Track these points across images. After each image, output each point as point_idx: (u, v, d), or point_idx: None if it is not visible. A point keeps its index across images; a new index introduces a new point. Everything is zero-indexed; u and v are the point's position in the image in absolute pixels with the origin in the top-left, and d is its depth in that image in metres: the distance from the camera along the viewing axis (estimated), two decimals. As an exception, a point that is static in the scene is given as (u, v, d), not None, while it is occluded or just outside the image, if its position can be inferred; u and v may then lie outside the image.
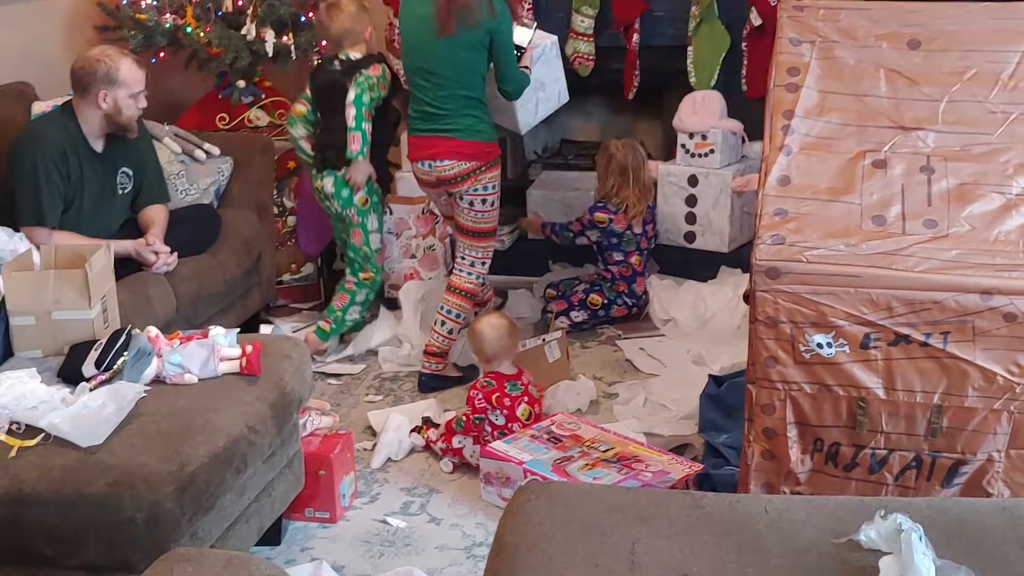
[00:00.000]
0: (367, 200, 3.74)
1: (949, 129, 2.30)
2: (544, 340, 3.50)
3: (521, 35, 3.59)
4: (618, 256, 4.01)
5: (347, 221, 3.76)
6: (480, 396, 3.04)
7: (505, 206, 3.88)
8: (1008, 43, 2.39)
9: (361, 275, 3.85)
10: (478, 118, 3.48)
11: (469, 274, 3.66)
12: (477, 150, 3.48)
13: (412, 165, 3.62)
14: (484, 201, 3.56)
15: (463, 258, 3.68)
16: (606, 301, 4.01)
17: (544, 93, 3.81)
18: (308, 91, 3.73)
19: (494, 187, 3.56)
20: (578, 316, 4.00)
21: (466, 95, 3.44)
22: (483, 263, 3.69)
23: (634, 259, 4.02)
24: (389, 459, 3.10)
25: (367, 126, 3.57)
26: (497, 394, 3.04)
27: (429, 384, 3.57)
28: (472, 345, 3.19)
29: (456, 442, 3.04)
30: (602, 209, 3.98)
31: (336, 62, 3.65)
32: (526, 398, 3.09)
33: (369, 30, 3.68)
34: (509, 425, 3.02)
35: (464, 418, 3.04)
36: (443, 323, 3.59)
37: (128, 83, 3.17)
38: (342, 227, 3.85)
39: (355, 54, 3.63)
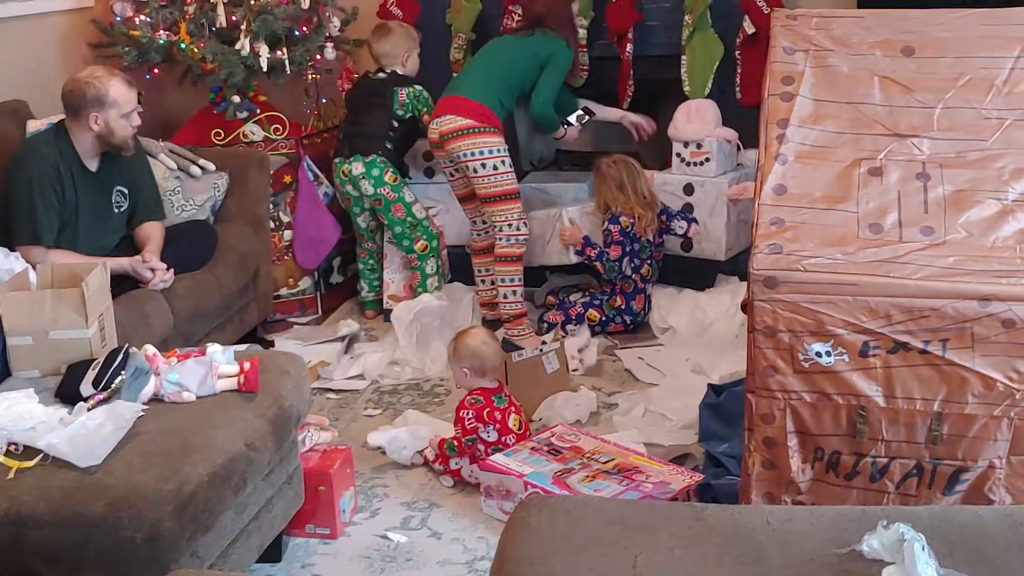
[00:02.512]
0: (396, 178, 4.09)
1: (944, 136, 2.31)
2: (542, 351, 3.48)
3: (573, 119, 4.20)
4: (628, 269, 3.98)
5: (383, 200, 4.07)
6: (471, 415, 2.99)
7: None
8: (1001, 49, 2.40)
9: (417, 247, 4.13)
10: (490, 93, 3.85)
11: (499, 239, 3.91)
12: (476, 110, 3.81)
13: (428, 132, 3.95)
14: (484, 165, 3.81)
15: (493, 226, 3.94)
16: (604, 318, 4.00)
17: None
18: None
19: (491, 152, 3.82)
20: (574, 330, 3.97)
21: (492, 78, 3.88)
22: (510, 225, 3.89)
23: (644, 269, 4.00)
24: (391, 465, 3.09)
25: None
26: (488, 409, 3.01)
27: (506, 347, 3.68)
28: (467, 362, 3.07)
29: (453, 464, 3.01)
30: (622, 215, 3.96)
31: (380, 73, 4.17)
32: (513, 408, 3.07)
33: (406, 56, 4.15)
34: (503, 439, 2.99)
35: (455, 442, 3.00)
36: (496, 290, 3.95)
37: (119, 103, 3.15)
38: (376, 210, 4.14)
39: (398, 70, 4.15)
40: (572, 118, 4.18)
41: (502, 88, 3.90)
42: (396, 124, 4.09)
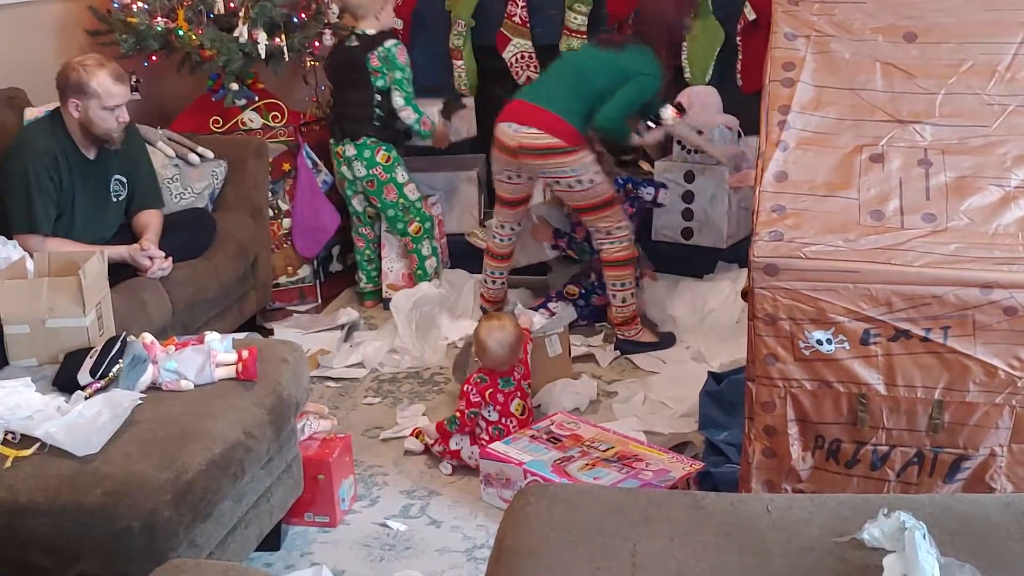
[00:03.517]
0: (389, 157, 4.06)
1: (946, 122, 2.29)
2: (545, 334, 3.47)
3: (665, 112, 3.85)
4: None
5: (375, 182, 4.06)
6: (474, 391, 3.04)
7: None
8: (1004, 35, 2.38)
9: (411, 230, 4.13)
10: (575, 111, 3.59)
11: (611, 244, 3.75)
12: (564, 128, 3.57)
13: (496, 128, 3.69)
14: (579, 182, 3.64)
15: (597, 232, 3.77)
16: (583, 291, 4.00)
17: None
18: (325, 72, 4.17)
19: (583, 168, 3.61)
20: (556, 307, 3.96)
21: (576, 93, 3.59)
22: (618, 227, 3.75)
23: None
24: (390, 453, 3.09)
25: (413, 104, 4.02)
26: (491, 390, 3.05)
27: (626, 348, 3.78)
28: (476, 351, 3.14)
29: (453, 444, 3.03)
30: None
31: (353, 38, 4.01)
32: (519, 393, 3.09)
33: (381, 7, 3.99)
34: (503, 420, 3.02)
35: (458, 414, 3.03)
36: (613, 296, 3.79)
37: (100, 95, 3.09)
38: (368, 192, 4.12)
39: (370, 30, 3.98)
40: (663, 111, 3.87)
41: (585, 108, 3.60)
42: (380, 97, 4.00)
